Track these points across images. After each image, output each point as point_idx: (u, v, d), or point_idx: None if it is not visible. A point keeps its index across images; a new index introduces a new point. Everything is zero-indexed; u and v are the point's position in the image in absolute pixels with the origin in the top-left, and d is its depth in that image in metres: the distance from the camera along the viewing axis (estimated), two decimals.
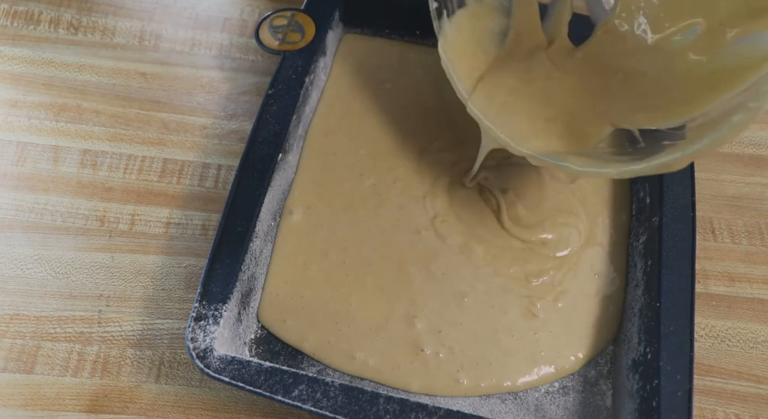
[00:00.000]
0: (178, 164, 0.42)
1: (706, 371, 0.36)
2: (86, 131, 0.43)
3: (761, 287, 0.39)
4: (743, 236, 0.41)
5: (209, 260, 0.34)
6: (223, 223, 0.35)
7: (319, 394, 0.31)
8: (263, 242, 0.37)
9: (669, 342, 0.32)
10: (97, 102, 0.44)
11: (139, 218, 0.40)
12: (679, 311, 0.33)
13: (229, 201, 0.36)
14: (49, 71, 0.45)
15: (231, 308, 0.33)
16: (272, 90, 0.39)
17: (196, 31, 0.48)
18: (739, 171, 0.43)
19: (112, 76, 0.45)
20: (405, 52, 0.46)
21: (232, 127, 0.44)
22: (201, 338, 0.32)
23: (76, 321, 0.37)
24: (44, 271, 0.38)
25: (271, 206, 0.38)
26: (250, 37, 0.47)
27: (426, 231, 0.39)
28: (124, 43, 0.47)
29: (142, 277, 0.38)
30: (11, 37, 0.46)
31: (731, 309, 0.38)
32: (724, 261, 0.40)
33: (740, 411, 0.35)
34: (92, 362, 0.35)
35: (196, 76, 0.46)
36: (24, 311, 0.37)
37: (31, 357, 0.35)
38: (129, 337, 0.36)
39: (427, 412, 0.30)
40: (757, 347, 0.37)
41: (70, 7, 0.48)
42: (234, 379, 0.31)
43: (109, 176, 0.41)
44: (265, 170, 0.37)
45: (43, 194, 0.40)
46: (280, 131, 0.38)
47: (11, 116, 0.43)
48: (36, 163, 0.41)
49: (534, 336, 0.36)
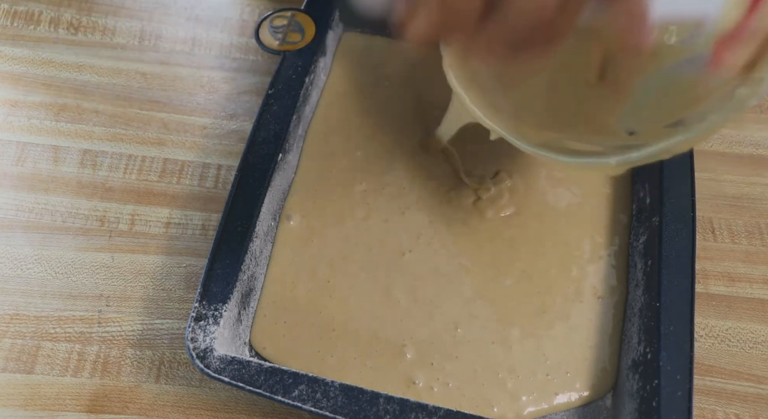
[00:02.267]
0: (178, 164, 0.42)
1: (706, 371, 0.36)
2: (86, 131, 0.43)
3: (761, 287, 0.39)
4: (743, 236, 0.41)
5: (209, 260, 0.34)
6: (223, 223, 0.35)
7: (319, 394, 0.31)
8: (263, 242, 0.37)
9: (669, 342, 0.32)
10: (97, 102, 0.44)
11: (139, 218, 0.40)
12: (679, 311, 0.33)
13: (229, 201, 0.36)
14: (49, 71, 0.45)
15: (231, 308, 0.33)
16: (272, 90, 0.39)
17: (196, 31, 0.48)
18: (739, 171, 0.43)
19: (112, 76, 0.45)
20: (405, 52, 0.46)
21: (232, 127, 0.44)
22: (201, 338, 0.32)
23: (76, 321, 0.37)
24: (44, 271, 0.38)
25: (271, 206, 0.38)
26: (250, 37, 0.47)
27: (410, 253, 0.38)
28: (124, 43, 0.47)
29: (142, 277, 0.38)
30: (11, 37, 0.46)
31: (731, 309, 0.38)
32: (724, 261, 0.40)
33: (740, 411, 0.35)
34: (92, 362, 0.35)
35: (196, 76, 0.46)
36: (24, 311, 0.37)
37: (31, 357, 0.35)
38: (129, 337, 0.36)
39: (427, 412, 0.30)
40: (757, 347, 0.37)
41: (70, 7, 0.48)
42: (234, 379, 0.31)
43: (109, 176, 0.41)
44: (265, 170, 0.37)
45: (43, 194, 0.40)
46: (280, 131, 0.38)
47: (11, 116, 0.43)
48: (36, 163, 0.41)
49: (546, 378, 0.35)
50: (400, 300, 0.37)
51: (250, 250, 0.35)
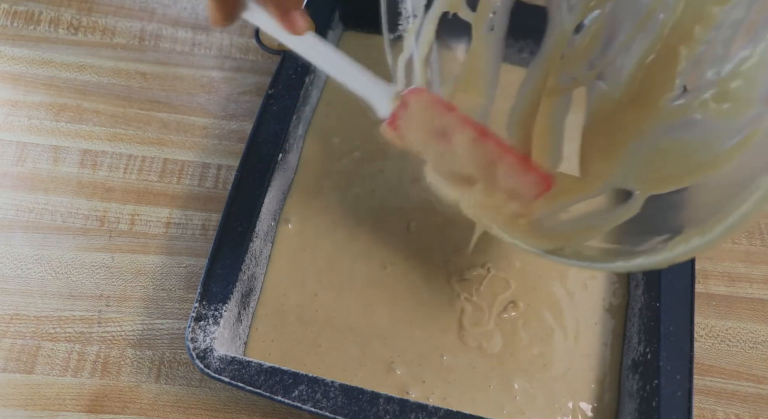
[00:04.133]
0: (178, 164, 0.42)
1: (706, 371, 0.36)
2: (86, 131, 0.43)
3: (761, 287, 0.39)
4: (743, 236, 0.41)
5: (209, 260, 0.34)
6: (223, 223, 0.35)
7: (319, 394, 0.31)
8: (263, 242, 0.37)
9: (669, 342, 0.32)
10: (97, 102, 0.44)
11: (139, 218, 0.40)
12: (679, 311, 0.33)
13: (229, 201, 0.36)
14: (49, 71, 0.45)
15: (231, 309, 0.33)
16: (272, 90, 0.39)
17: (196, 31, 0.48)
18: None
19: (112, 76, 0.45)
20: None
21: (232, 127, 0.44)
22: (201, 338, 0.32)
23: (76, 321, 0.37)
24: (44, 271, 0.38)
25: (272, 207, 0.38)
26: (250, 37, 0.47)
27: (392, 266, 0.38)
28: (124, 43, 0.47)
29: (142, 277, 0.38)
30: (11, 38, 0.46)
31: (731, 309, 0.38)
32: (724, 261, 0.40)
33: (740, 411, 0.35)
34: (92, 362, 0.35)
35: (196, 76, 0.46)
36: (24, 311, 0.37)
37: (31, 357, 0.35)
38: (129, 337, 0.36)
39: (427, 412, 0.30)
40: (756, 347, 0.37)
41: (70, 7, 0.48)
42: (234, 379, 0.31)
43: (109, 176, 0.41)
44: (265, 170, 0.37)
45: (43, 194, 0.40)
46: (280, 131, 0.38)
47: (11, 116, 0.43)
48: (36, 163, 0.41)
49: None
50: (383, 317, 0.36)
51: (250, 250, 0.35)
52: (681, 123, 0.27)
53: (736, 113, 0.25)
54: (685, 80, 0.28)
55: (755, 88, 0.24)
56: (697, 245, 0.22)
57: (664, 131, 0.28)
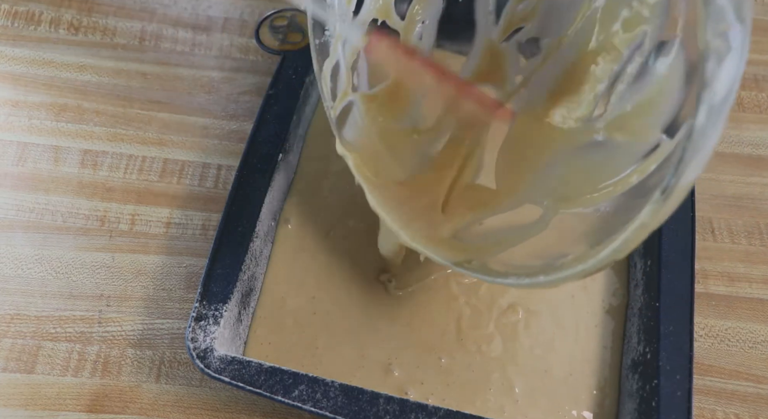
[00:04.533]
0: (179, 164, 0.42)
1: (705, 371, 0.36)
2: (87, 131, 0.43)
3: (761, 287, 0.39)
4: (743, 236, 0.41)
5: (209, 260, 0.34)
6: (224, 223, 0.35)
7: (319, 394, 0.31)
8: (263, 242, 0.37)
9: (669, 341, 0.32)
10: (97, 102, 0.44)
11: (139, 218, 0.40)
12: (678, 311, 0.33)
13: (230, 201, 0.36)
14: (50, 71, 0.45)
15: (231, 308, 0.33)
16: (272, 90, 0.39)
17: (196, 31, 0.48)
18: (739, 171, 0.43)
19: (112, 76, 0.45)
20: None
21: (232, 127, 0.44)
22: (201, 338, 0.32)
23: (76, 321, 0.37)
24: (45, 271, 0.38)
25: (272, 207, 0.38)
26: (250, 37, 0.47)
27: (384, 274, 0.38)
28: (124, 43, 0.47)
29: (142, 277, 0.38)
30: (12, 38, 0.46)
31: (731, 309, 0.38)
32: (723, 261, 0.40)
33: (740, 410, 0.35)
34: (92, 362, 0.36)
35: (197, 77, 0.46)
36: (24, 311, 0.37)
37: (32, 357, 0.35)
38: (129, 337, 0.36)
39: (427, 412, 0.30)
40: (756, 347, 0.37)
41: (71, 7, 0.48)
42: (234, 379, 0.31)
43: (110, 176, 0.41)
44: (265, 170, 0.37)
45: (43, 194, 0.40)
46: (280, 131, 0.38)
47: (12, 116, 0.43)
48: (36, 163, 0.41)
49: None
50: (381, 319, 0.36)
51: (250, 250, 0.35)
52: (589, 144, 0.27)
53: (635, 138, 0.25)
54: (597, 102, 0.29)
55: (654, 116, 0.24)
56: (571, 272, 0.22)
57: (572, 150, 0.28)
